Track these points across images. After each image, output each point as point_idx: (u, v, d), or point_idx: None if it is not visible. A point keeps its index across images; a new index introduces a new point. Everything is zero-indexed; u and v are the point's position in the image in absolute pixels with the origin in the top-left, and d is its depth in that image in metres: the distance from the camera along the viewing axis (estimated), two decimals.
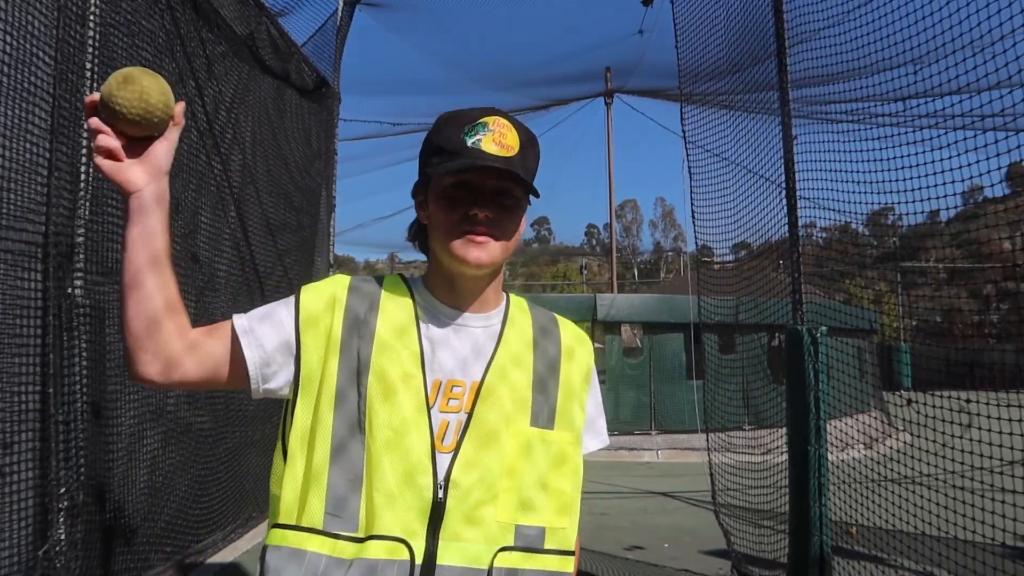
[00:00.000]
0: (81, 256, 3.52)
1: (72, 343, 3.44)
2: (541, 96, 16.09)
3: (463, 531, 1.12)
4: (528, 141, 1.21)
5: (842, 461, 3.61)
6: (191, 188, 4.56)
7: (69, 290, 3.47)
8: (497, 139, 1.15)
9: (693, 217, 4.79)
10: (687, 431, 11.36)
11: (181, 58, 4.48)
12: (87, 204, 3.58)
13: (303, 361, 1.17)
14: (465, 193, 1.16)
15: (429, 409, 1.15)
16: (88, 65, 3.56)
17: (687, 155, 4.78)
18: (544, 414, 1.21)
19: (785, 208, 3.34)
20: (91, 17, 3.56)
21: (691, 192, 4.87)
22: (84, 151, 3.55)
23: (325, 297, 1.21)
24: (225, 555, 4.68)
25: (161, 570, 4.09)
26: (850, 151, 3.33)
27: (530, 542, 1.17)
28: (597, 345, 14.27)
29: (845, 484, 3.58)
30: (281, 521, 1.14)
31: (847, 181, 3.49)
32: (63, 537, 3.34)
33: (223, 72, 5.10)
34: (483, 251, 1.16)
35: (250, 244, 5.56)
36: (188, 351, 1.16)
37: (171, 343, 1.14)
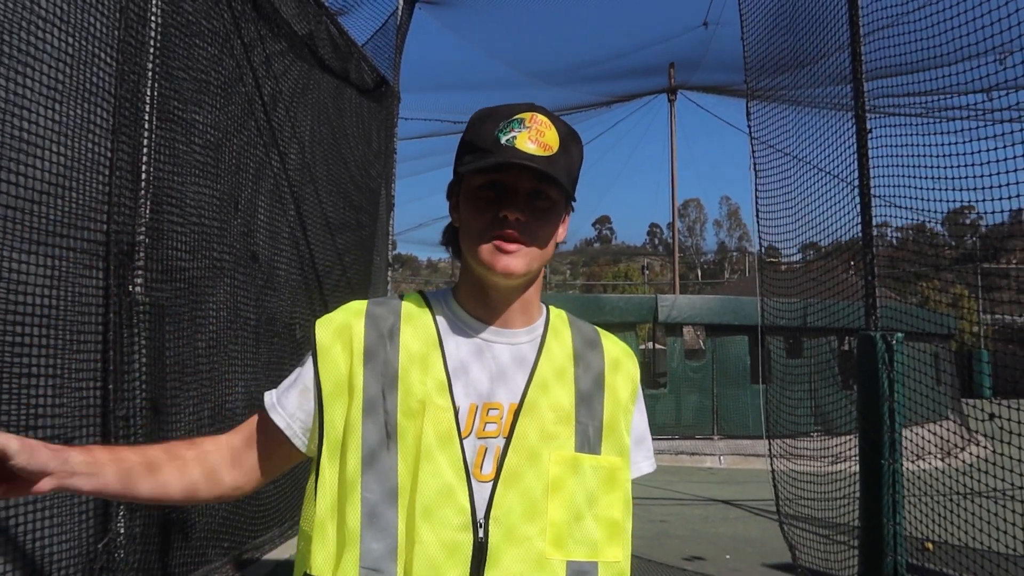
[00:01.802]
0: (141, 255, 3.57)
1: (132, 341, 3.49)
2: (603, 92, 15.92)
3: (510, 572, 1.02)
4: (569, 140, 1.11)
5: (917, 472, 3.40)
6: (249, 187, 4.60)
7: (130, 288, 3.52)
8: (534, 136, 1.05)
9: (758, 217, 4.61)
10: (751, 437, 11.06)
11: (241, 57, 4.52)
12: (147, 203, 3.62)
13: (327, 423, 1.09)
14: (497, 195, 1.07)
15: (462, 442, 1.05)
16: (149, 65, 3.61)
17: (753, 152, 4.61)
18: (590, 436, 1.11)
19: (858, 207, 3.16)
20: (152, 18, 3.60)
21: (756, 191, 4.69)
22: (145, 150, 3.60)
23: (342, 338, 1.12)
24: (281, 552, 4.71)
25: (218, 565, 4.13)
26: (927, 145, 3.13)
27: None
28: (659, 347, 14.02)
29: (920, 496, 3.38)
30: (309, 571, 1.06)
31: (923, 178, 3.29)
32: (122, 531, 3.40)
33: (282, 71, 5.14)
34: (513, 259, 1.06)
35: (309, 243, 5.60)
36: (237, 474, 1.17)
37: (216, 486, 1.15)
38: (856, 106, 3.17)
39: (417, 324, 1.14)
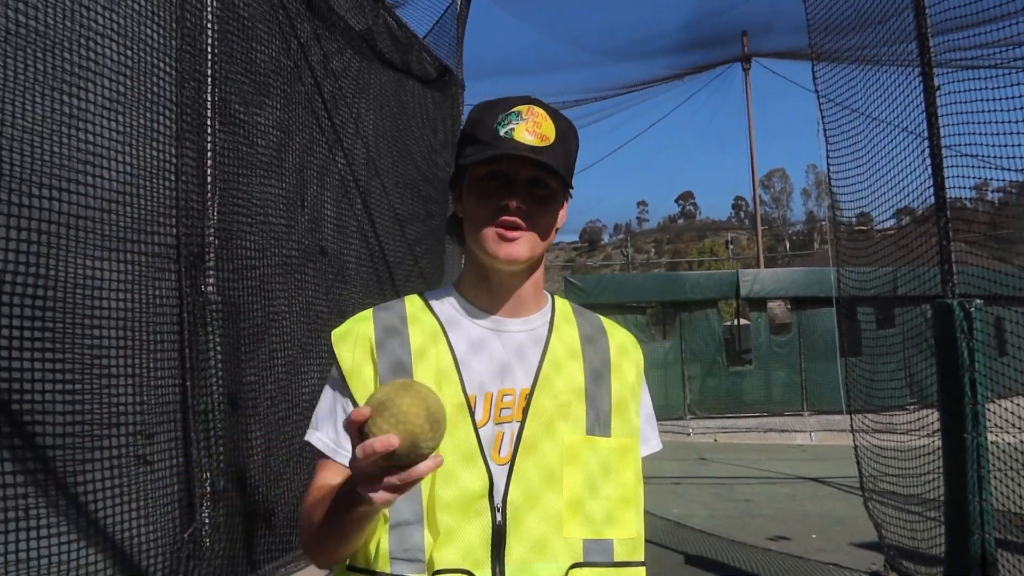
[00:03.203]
0: (212, 256, 3.69)
1: (207, 339, 3.63)
2: (674, 65, 15.57)
3: (528, 553, 1.06)
4: (566, 131, 1.15)
5: (1013, 444, 3.19)
6: (314, 183, 4.70)
7: (203, 288, 3.66)
8: (531, 128, 1.10)
9: (830, 183, 4.40)
10: (843, 412, 10.66)
11: (298, 56, 4.61)
12: (215, 206, 3.75)
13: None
14: (498, 184, 1.12)
15: (478, 431, 1.09)
16: (208, 71, 3.72)
17: (822, 116, 4.40)
18: (599, 420, 1.15)
19: (930, 168, 2.96)
20: (208, 26, 3.71)
21: (828, 156, 4.48)
22: (209, 154, 3.72)
23: (359, 349, 1.16)
24: None
25: (301, 552, 4.27)
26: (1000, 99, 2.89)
27: (600, 556, 1.10)
28: (743, 322, 13.68)
29: (1014, 471, 3.17)
30: (350, 562, 1.11)
31: (1007, 133, 3.06)
32: (207, 520, 3.55)
33: (341, 68, 5.22)
34: (516, 245, 1.11)
35: (378, 235, 5.68)
36: None
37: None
38: (922, 62, 2.96)
39: (422, 322, 1.17)
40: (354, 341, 1.15)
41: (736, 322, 16.50)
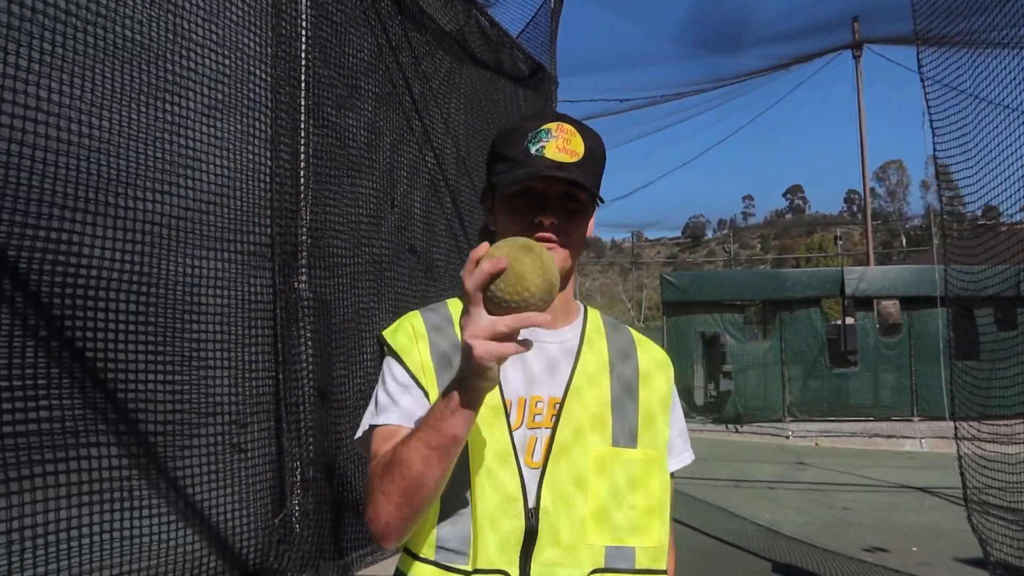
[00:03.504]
0: (304, 254, 3.85)
1: (299, 333, 3.78)
2: (778, 55, 15.01)
3: (555, 556, 1.10)
4: (594, 144, 1.19)
5: None
6: (404, 183, 4.81)
7: (295, 285, 3.82)
8: (561, 145, 1.14)
9: (938, 176, 4.16)
10: (947, 418, 10.05)
11: (390, 59, 4.73)
12: (308, 206, 3.90)
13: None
14: (530, 201, 1.16)
15: (512, 433, 1.14)
16: (302, 77, 3.87)
17: (927, 106, 4.15)
18: (625, 432, 1.18)
19: None
20: (303, 33, 3.85)
21: (935, 148, 4.23)
22: (303, 156, 3.87)
23: (411, 334, 1.20)
24: None
25: None
26: None
27: (622, 563, 1.13)
28: (849, 320, 13.09)
29: None
30: (407, 546, 1.17)
31: None
32: (296, 507, 3.70)
33: (431, 68, 5.31)
34: None
35: (467, 234, 5.77)
36: None
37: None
38: None
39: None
40: (407, 331, 1.20)
41: (842, 321, 15.82)
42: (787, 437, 10.88)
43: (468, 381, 0.97)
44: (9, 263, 2.53)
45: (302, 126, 3.89)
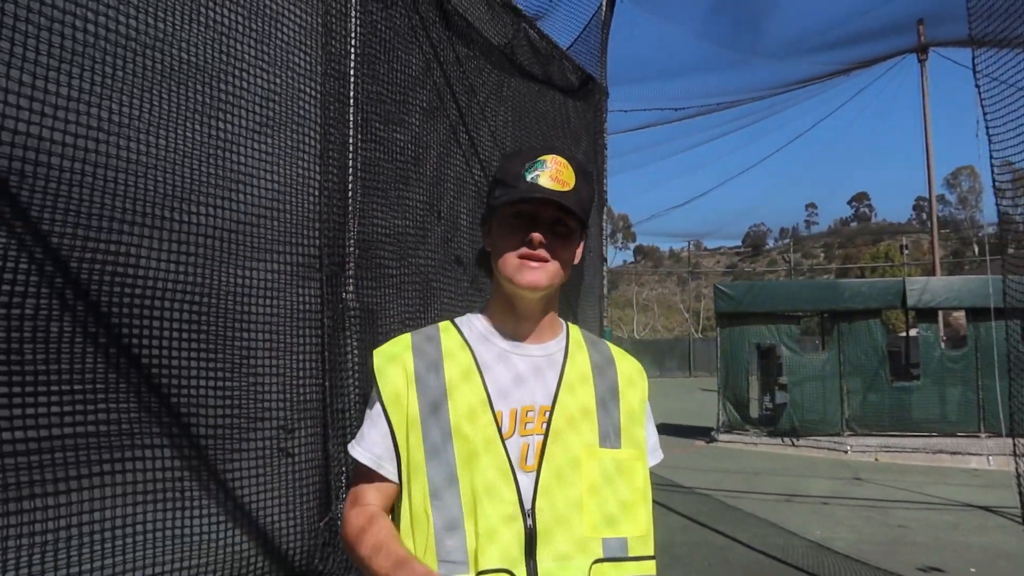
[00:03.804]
0: (351, 265, 3.96)
1: (345, 342, 3.90)
2: (837, 61, 14.66)
3: (557, 552, 1.20)
4: (583, 177, 1.32)
5: None
6: (450, 195, 4.90)
7: (342, 295, 3.94)
8: (554, 175, 1.26)
9: (995, 185, 4.05)
10: (1005, 434, 9.66)
11: (438, 75, 4.83)
12: (355, 218, 4.02)
13: (398, 438, 1.31)
14: (525, 222, 1.28)
15: (505, 444, 1.24)
16: (351, 93, 4.00)
17: (983, 112, 4.05)
18: (610, 431, 1.31)
19: None
20: (352, 51, 3.98)
21: (991, 152, 4.13)
22: (351, 170, 3.99)
23: (398, 370, 1.31)
24: None
25: None
26: None
27: (617, 552, 1.24)
28: (913, 332, 12.67)
29: None
30: None
31: None
32: (341, 511, 3.80)
33: (480, 82, 5.40)
34: (537, 273, 1.28)
35: None
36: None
37: None
38: None
39: (456, 347, 1.33)
40: (396, 371, 1.30)
41: (906, 333, 15.33)
42: (845, 452, 10.62)
43: None
44: (72, 273, 2.69)
45: (351, 141, 4.00)
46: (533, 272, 1.28)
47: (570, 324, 1.45)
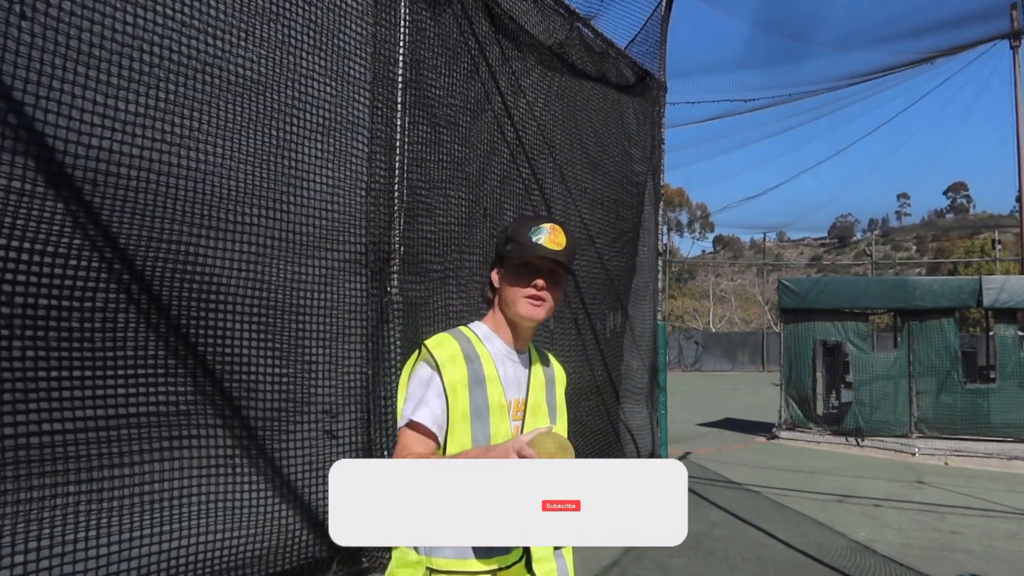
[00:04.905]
0: (396, 260, 4.20)
1: (389, 332, 4.14)
2: (916, 49, 14.12)
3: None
4: (571, 240, 1.78)
5: None
6: (496, 192, 5.08)
7: (388, 289, 4.18)
8: (552, 238, 1.73)
9: None
10: None
11: (486, 76, 5.00)
12: (401, 216, 4.25)
13: (450, 416, 1.72)
14: (529, 270, 1.74)
15: (511, 424, 1.79)
16: (399, 99, 4.22)
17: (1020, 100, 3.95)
18: (552, 415, 1.91)
19: None
20: (400, 58, 4.20)
21: None
22: (397, 171, 4.23)
23: (458, 369, 1.72)
24: None
25: None
26: None
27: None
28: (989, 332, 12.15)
29: None
30: None
31: None
32: None
33: (529, 83, 5.54)
34: (539, 310, 1.76)
35: None
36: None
37: None
38: None
39: (483, 353, 1.79)
40: (456, 370, 1.70)
41: (986, 333, 14.73)
42: (913, 454, 10.34)
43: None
44: (138, 270, 3.01)
45: (397, 143, 4.23)
46: (536, 309, 1.75)
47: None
